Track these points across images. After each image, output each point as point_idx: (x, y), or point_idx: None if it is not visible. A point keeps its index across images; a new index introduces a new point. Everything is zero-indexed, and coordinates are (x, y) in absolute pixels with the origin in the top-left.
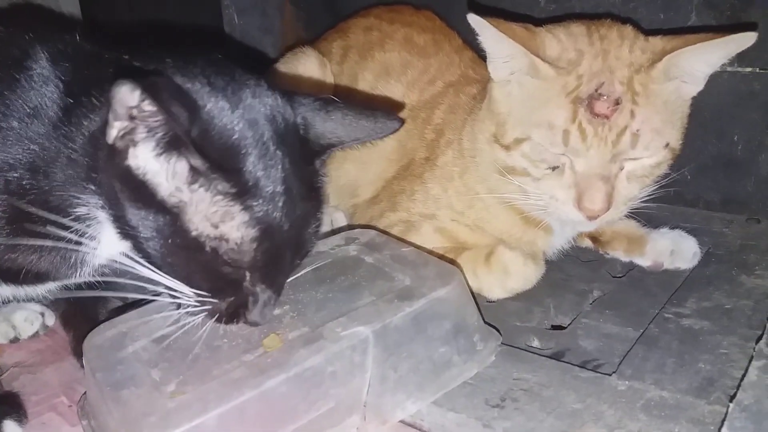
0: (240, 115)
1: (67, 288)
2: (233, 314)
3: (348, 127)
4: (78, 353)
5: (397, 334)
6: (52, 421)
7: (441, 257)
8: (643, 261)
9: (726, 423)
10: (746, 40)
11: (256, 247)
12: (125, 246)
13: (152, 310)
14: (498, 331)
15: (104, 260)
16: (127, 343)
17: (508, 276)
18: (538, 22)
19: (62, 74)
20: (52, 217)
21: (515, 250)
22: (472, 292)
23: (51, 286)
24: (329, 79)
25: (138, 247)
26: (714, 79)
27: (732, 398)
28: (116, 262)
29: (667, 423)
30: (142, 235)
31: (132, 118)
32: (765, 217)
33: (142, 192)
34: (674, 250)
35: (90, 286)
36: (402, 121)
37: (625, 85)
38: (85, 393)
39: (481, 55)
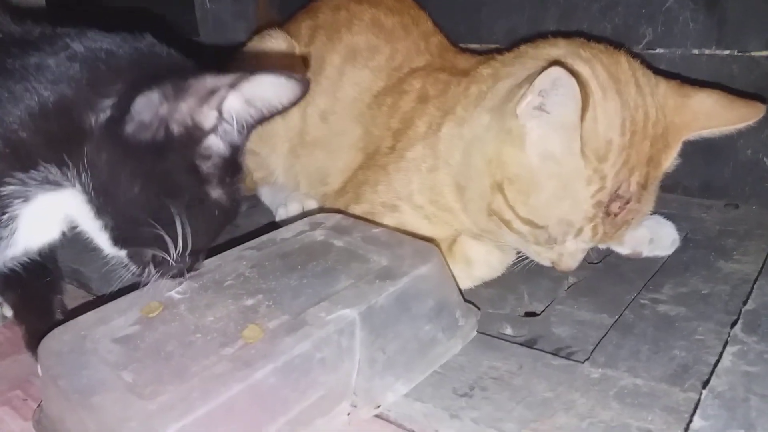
0: None
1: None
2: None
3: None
4: (31, 347)
5: (383, 314)
6: (5, 415)
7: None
8: (622, 250)
9: (698, 411)
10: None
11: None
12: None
13: (110, 311)
14: (476, 307)
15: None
16: (88, 345)
17: (471, 265)
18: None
19: None
20: None
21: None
22: (449, 269)
23: None
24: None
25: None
26: (693, 63)
27: (705, 385)
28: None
29: (641, 411)
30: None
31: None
32: (743, 202)
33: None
34: (653, 238)
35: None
36: (305, 82)
37: (641, 185)
38: (40, 405)
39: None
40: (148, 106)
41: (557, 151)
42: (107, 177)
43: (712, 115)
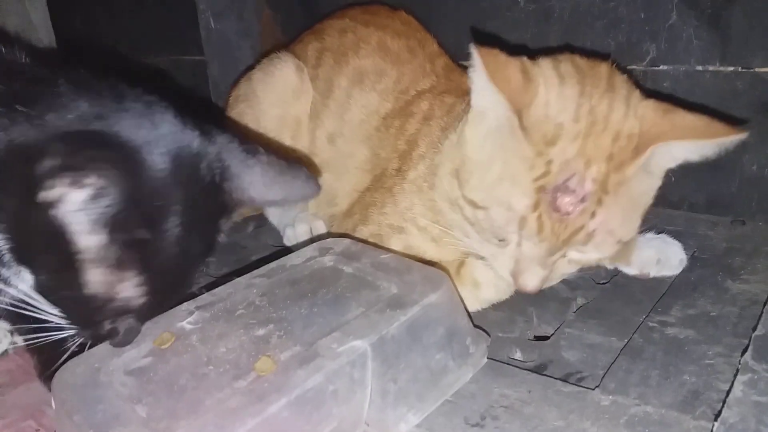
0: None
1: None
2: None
3: (266, 186)
4: (44, 376)
5: (394, 344)
6: None
7: (422, 261)
8: (629, 270)
9: None
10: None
11: (143, 303)
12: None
13: None
14: (486, 332)
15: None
16: (102, 379)
17: (479, 287)
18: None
19: None
20: None
21: None
22: (459, 295)
23: None
24: (306, 84)
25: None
26: (697, 79)
27: (717, 416)
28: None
29: None
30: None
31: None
32: (750, 218)
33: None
34: (660, 258)
35: None
36: (319, 189)
37: (598, 184)
38: None
39: (456, 62)
40: (53, 155)
41: (500, 129)
42: (14, 227)
43: (689, 129)
